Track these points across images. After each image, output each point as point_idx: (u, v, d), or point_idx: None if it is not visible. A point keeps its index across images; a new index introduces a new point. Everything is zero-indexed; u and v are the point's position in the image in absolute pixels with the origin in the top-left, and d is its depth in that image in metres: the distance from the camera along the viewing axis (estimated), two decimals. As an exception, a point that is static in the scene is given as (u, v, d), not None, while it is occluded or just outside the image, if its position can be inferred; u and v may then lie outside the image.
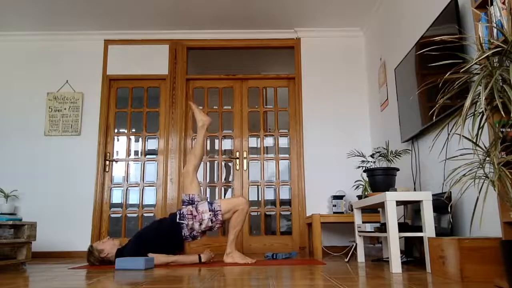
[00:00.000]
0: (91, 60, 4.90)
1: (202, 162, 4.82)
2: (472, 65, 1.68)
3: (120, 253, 3.18)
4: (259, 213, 4.77)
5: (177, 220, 3.24)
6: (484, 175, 1.68)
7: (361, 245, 3.24)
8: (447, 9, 2.72)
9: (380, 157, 3.61)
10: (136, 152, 4.95)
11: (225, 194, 4.96)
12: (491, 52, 1.64)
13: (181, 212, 3.28)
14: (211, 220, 3.23)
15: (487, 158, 1.68)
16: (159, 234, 3.23)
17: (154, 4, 4.35)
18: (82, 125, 4.75)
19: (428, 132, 3.18)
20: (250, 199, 4.74)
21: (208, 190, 4.89)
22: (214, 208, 3.24)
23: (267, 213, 4.80)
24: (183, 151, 4.74)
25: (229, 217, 3.27)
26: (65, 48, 4.93)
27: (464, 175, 1.72)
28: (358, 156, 3.71)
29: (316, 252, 3.81)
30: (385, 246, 3.27)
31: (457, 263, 2.06)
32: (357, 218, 3.31)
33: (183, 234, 3.24)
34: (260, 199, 4.81)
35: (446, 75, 1.85)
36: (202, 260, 3.19)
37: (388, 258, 2.82)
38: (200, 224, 3.23)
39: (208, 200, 3.38)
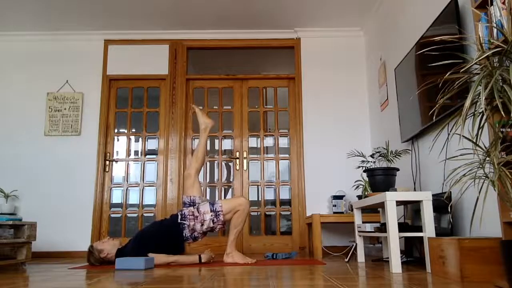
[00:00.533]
0: (91, 60, 4.90)
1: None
2: (472, 65, 1.68)
3: (120, 253, 3.18)
4: (259, 213, 4.76)
5: (179, 221, 3.24)
6: (484, 175, 1.68)
7: (361, 245, 3.24)
8: (447, 9, 2.72)
9: (380, 157, 3.61)
10: (136, 152, 4.95)
11: (225, 195, 4.96)
12: (491, 52, 1.64)
13: (183, 212, 3.28)
14: (213, 220, 3.22)
15: (487, 158, 1.68)
16: (160, 235, 3.23)
17: (154, 4, 4.35)
18: (82, 125, 4.75)
19: (428, 132, 3.18)
20: (250, 199, 4.74)
21: (208, 190, 4.89)
22: (215, 209, 3.24)
23: (267, 213, 4.79)
24: (183, 151, 4.74)
25: (230, 218, 3.27)
26: (65, 48, 4.93)
27: (464, 175, 1.72)
28: (358, 156, 3.71)
29: (316, 252, 3.81)
30: (385, 246, 3.27)
31: (457, 263, 2.06)
32: (357, 218, 3.31)
33: (184, 234, 3.23)
34: (260, 199, 4.81)
35: (446, 75, 1.85)
36: (202, 260, 3.18)
37: (388, 258, 2.82)
38: (202, 224, 3.22)
39: (209, 201, 3.38)
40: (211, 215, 3.22)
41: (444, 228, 2.70)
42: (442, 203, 2.73)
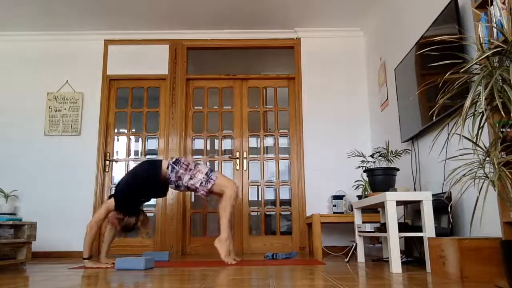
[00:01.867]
0: (91, 60, 4.90)
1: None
2: (472, 65, 1.68)
3: (117, 203, 3.24)
4: (259, 213, 4.76)
5: (171, 162, 3.32)
6: (484, 175, 1.68)
7: (361, 245, 3.24)
8: (447, 9, 2.72)
9: (380, 157, 3.61)
10: (136, 152, 4.95)
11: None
12: (491, 52, 1.64)
13: (179, 159, 3.36)
14: (201, 183, 3.29)
15: (487, 158, 1.68)
16: (148, 177, 3.30)
17: (154, 4, 4.35)
18: (82, 125, 4.74)
19: (428, 132, 3.18)
20: (250, 199, 4.74)
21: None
22: (210, 176, 3.32)
23: (267, 213, 4.79)
24: (183, 151, 4.74)
25: (217, 193, 3.34)
26: (65, 48, 4.93)
27: (464, 175, 1.72)
28: (358, 156, 3.71)
29: (316, 252, 3.81)
30: (385, 246, 3.28)
31: (457, 263, 2.06)
32: (357, 218, 3.31)
33: (169, 176, 3.31)
34: (260, 199, 4.80)
35: (446, 75, 1.85)
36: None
37: (388, 258, 2.82)
38: (190, 178, 3.29)
39: (210, 168, 3.44)
40: (203, 177, 3.30)
41: (444, 228, 2.70)
42: (442, 203, 2.73)
